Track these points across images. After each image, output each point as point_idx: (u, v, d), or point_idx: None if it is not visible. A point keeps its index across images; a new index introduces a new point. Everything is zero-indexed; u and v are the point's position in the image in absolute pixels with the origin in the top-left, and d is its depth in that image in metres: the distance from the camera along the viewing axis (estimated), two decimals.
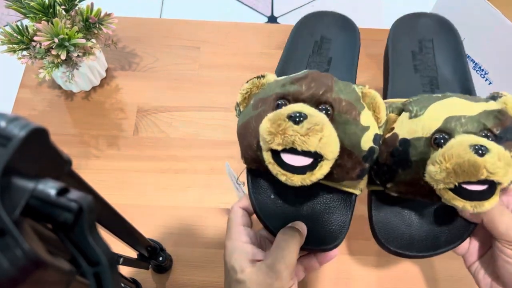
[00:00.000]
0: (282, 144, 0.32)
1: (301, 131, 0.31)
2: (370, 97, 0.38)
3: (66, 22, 0.59)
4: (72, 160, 0.25)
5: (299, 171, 0.33)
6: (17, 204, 0.18)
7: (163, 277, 0.56)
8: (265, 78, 0.40)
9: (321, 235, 0.39)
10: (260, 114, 0.36)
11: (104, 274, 0.21)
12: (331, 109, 0.36)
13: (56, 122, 0.67)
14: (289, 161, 0.33)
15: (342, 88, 0.37)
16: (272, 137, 0.32)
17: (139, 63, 0.74)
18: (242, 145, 0.39)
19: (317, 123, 0.32)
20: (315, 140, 0.32)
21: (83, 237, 0.20)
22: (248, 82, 0.41)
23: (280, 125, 0.32)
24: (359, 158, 0.36)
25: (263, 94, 0.39)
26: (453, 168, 0.31)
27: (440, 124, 0.35)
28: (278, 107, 0.36)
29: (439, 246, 0.39)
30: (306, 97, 0.36)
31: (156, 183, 0.63)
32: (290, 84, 0.37)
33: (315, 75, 0.37)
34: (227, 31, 0.78)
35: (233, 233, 0.40)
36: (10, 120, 0.19)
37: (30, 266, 0.17)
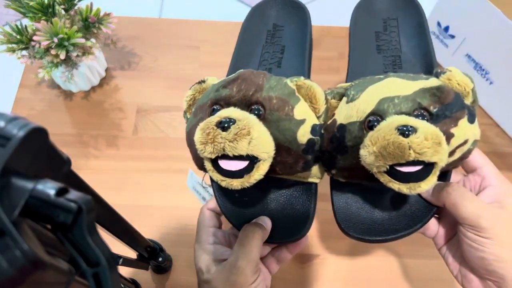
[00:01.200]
0: (213, 153, 0.32)
1: (229, 137, 0.32)
2: (305, 88, 0.37)
3: (66, 22, 0.59)
4: (71, 160, 0.25)
5: (237, 175, 0.33)
6: (16, 205, 0.18)
7: (163, 277, 0.56)
8: (205, 83, 0.40)
9: (288, 227, 0.40)
10: (199, 122, 0.35)
11: (104, 275, 0.21)
12: (262, 109, 0.36)
13: (55, 122, 0.67)
14: (226, 167, 0.33)
15: (273, 85, 0.37)
16: (203, 147, 0.33)
17: (139, 63, 0.73)
18: (191, 153, 0.40)
19: (244, 126, 0.32)
20: (244, 144, 0.32)
21: (82, 238, 0.20)
22: (191, 89, 0.41)
23: (209, 133, 0.32)
24: (298, 152, 0.36)
25: (201, 100, 0.39)
26: (379, 151, 0.31)
27: (373, 107, 0.34)
28: (213, 113, 0.36)
29: (399, 229, 0.38)
30: (237, 100, 0.36)
31: (155, 183, 0.62)
32: (223, 89, 0.37)
33: (246, 75, 0.37)
34: (227, 30, 0.78)
35: (201, 235, 0.42)
36: (9, 120, 0.19)
37: (29, 266, 0.17)
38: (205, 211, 0.44)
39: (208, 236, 0.42)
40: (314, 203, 0.41)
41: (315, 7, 1.42)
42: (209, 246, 0.41)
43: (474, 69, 0.67)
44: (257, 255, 0.38)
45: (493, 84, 0.65)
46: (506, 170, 0.64)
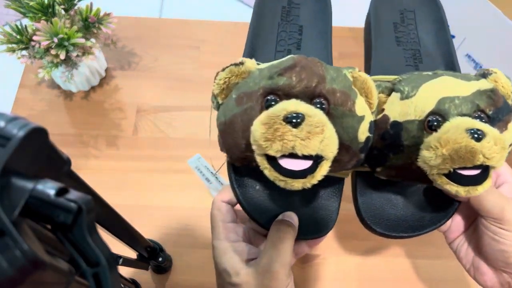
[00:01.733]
0: (281, 151, 0.30)
1: (301, 135, 0.29)
2: (361, 81, 0.35)
3: (66, 22, 0.59)
4: (71, 160, 0.25)
5: (299, 175, 0.31)
6: (16, 205, 0.18)
7: (163, 277, 0.56)
8: (244, 65, 0.36)
9: (312, 223, 0.38)
10: (247, 112, 0.33)
11: (104, 275, 0.21)
12: (326, 102, 0.33)
13: (55, 122, 0.67)
14: (288, 166, 0.30)
15: (334, 76, 0.34)
16: (269, 144, 0.30)
17: (139, 63, 0.73)
18: (226, 143, 0.36)
19: (317, 124, 0.30)
20: (316, 143, 0.30)
21: (82, 238, 0.20)
22: (225, 70, 0.36)
23: (277, 129, 0.29)
24: (356, 151, 0.34)
25: (247, 87, 0.34)
26: (450, 154, 0.30)
27: (433, 106, 0.34)
28: (267, 103, 0.33)
29: (424, 225, 0.38)
30: (298, 91, 0.33)
31: (155, 183, 0.62)
32: (279, 76, 0.33)
33: (304, 62, 0.34)
34: (227, 30, 0.78)
35: (221, 232, 0.38)
36: (9, 120, 0.19)
37: (29, 266, 0.17)
38: (221, 204, 0.40)
39: (229, 232, 0.38)
40: (340, 198, 0.39)
41: None
42: (232, 244, 0.38)
43: (474, 69, 0.67)
44: (290, 257, 0.35)
45: None
46: None
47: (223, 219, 0.39)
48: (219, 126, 0.36)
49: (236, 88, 0.35)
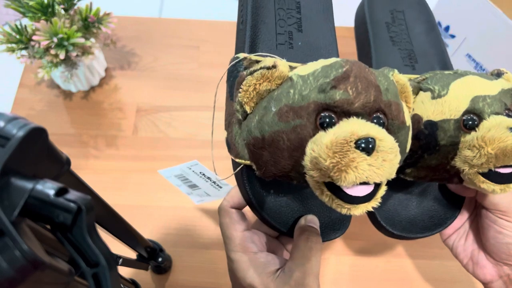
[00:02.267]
0: (355, 182, 0.27)
1: (376, 164, 0.26)
2: (401, 86, 0.33)
3: (65, 22, 0.58)
4: (71, 160, 0.25)
5: (363, 200, 0.28)
6: (15, 205, 0.18)
7: (163, 278, 0.56)
8: (277, 69, 0.31)
9: (329, 224, 0.37)
10: (297, 131, 0.29)
11: (103, 275, 0.21)
12: (384, 117, 0.30)
13: (55, 122, 0.67)
14: (353, 193, 0.28)
15: (385, 84, 0.30)
16: (342, 175, 0.26)
17: (138, 63, 0.73)
18: (263, 161, 0.32)
19: (391, 149, 0.27)
20: (389, 170, 0.27)
21: (82, 238, 0.20)
22: (254, 75, 0.31)
23: (352, 159, 0.26)
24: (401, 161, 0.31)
25: (290, 99, 0.30)
26: (496, 152, 0.31)
27: (467, 105, 0.33)
28: (322, 121, 0.29)
29: (436, 224, 0.40)
30: (358, 107, 0.29)
31: (155, 183, 0.62)
32: (333, 89, 0.29)
33: (356, 70, 0.30)
34: (227, 30, 0.78)
35: (238, 243, 0.35)
36: (9, 120, 0.19)
37: (29, 266, 0.17)
38: (231, 211, 0.37)
39: (247, 242, 0.35)
40: None
41: None
42: (255, 256, 0.35)
43: (474, 69, 0.67)
44: (319, 267, 0.33)
45: None
46: None
47: (236, 228, 0.36)
48: (253, 142, 0.32)
49: (274, 99, 0.30)
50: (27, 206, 0.19)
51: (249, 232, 0.37)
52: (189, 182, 0.51)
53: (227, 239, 0.36)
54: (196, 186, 0.52)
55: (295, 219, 0.36)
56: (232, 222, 0.36)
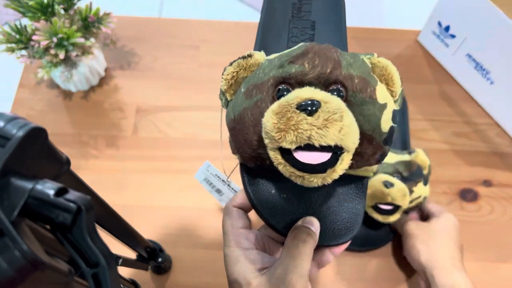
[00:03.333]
0: (295, 142, 0.27)
1: (317, 124, 0.27)
2: (381, 67, 0.33)
3: (65, 21, 0.58)
4: (70, 160, 0.24)
5: (318, 170, 0.28)
6: (15, 205, 0.18)
7: (162, 278, 0.56)
8: (252, 57, 0.34)
9: (335, 228, 0.35)
10: (258, 105, 0.31)
11: (103, 275, 0.21)
12: (343, 89, 0.31)
13: (54, 122, 0.67)
14: (304, 160, 0.28)
15: (350, 61, 0.32)
16: (282, 135, 0.27)
17: (138, 63, 0.73)
18: (237, 142, 0.33)
19: (335, 110, 0.27)
20: (334, 132, 0.27)
21: (82, 238, 0.20)
22: (232, 64, 0.34)
23: (290, 118, 0.27)
24: (379, 143, 0.32)
25: (256, 78, 0.32)
26: (371, 193, 0.53)
27: None
28: (279, 94, 0.31)
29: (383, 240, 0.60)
30: (312, 77, 0.30)
31: (155, 183, 0.62)
32: (290, 64, 0.31)
33: (317, 48, 0.31)
34: (227, 30, 0.78)
35: (232, 239, 0.36)
36: (9, 120, 0.19)
37: (28, 267, 0.17)
38: (232, 209, 0.37)
39: (240, 239, 0.36)
40: (365, 199, 0.36)
41: None
42: (244, 252, 0.35)
43: (474, 69, 0.67)
44: (308, 268, 0.32)
45: (493, 84, 0.65)
46: (506, 170, 0.64)
47: (233, 224, 0.36)
48: (229, 124, 0.34)
49: (245, 82, 0.33)
50: (27, 206, 0.18)
51: (246, 230, 0.37)
52: (215, 187, 0.54)
53: (224, 235, 0.37)
54: (221, 191, 0.53)
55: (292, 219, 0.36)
56: (230, 219, 0.37)
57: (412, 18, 0.89)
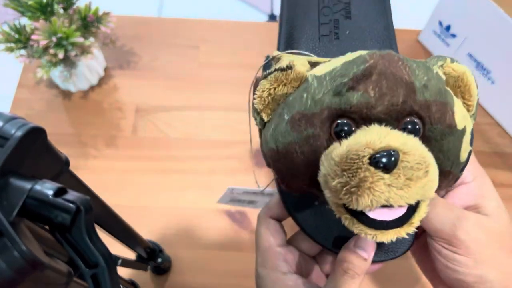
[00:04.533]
0: (370, 206, 0.22)
1: (398, 184, 0.22)
2: (455, 78, 0.26)
3: (64, 21, 0.58)
4: (69, 160, 0.24)
5: (393, 226, 0.23)
6: (14, 205, 0.18)
7: (162, 278, 0.56)
8: (293, 71, 0.27)
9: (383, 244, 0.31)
10: (310, 142, 0.25)
11: (102, 276, 0.21)
12: (419, 122, 0.25)
13: (53, 121, 0.67)
14: (377, 217, 0.23)
15: (424, 79, 0.25)
16: (353, 198, 0.22)
17: (138, 62, 0.73)
18: (282, 174, 0.28)
19: (418, 165, 0.22)
20: (418, 191, 0.22)
21: (81, 239, 0.20)
22: (268, 78, 0.27)
23: (364, 179, 0.22)
24: (457, 174, 0.27)
25: (304, 106, 0.26)
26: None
27: None
28: (339, 130, 0.25)
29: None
30: (381, 111, 0.24)
31: (155, 183, 0.62)
32: (349, 91, 0.24)
33: (381, 65, 0.24)
34: (227, 29, 0.78)
35: (269, 259, 0.32)
36: (8, 120, 0.19)
37: (27, 267, 0.17)
38: (268, 221, 0.33)
39: (279, 260, 0.31)
40: None
41: None
42: (283, 276, 0.31)
43: (475, 69, 0.67)
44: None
45: (494, 84, 0.65)
46: (507, 170, 0.64)
47: (270, 241, 0.32)
48: (270, 154, 0.28)
49: (287, 105, 0.26)
50: (25, 206, 0.18)
51: (284, 249, 0.32)
52: (245, 201, 0.49)
53: (259, 251, 0.32)
54: (254, 201, 0.49)
55: (340, 232, 0.31)
56: (267, 233, 0.32)
57: (412, 17, 0.89)
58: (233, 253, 0.57)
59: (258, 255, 0.32)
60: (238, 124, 0.67)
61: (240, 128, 0.66)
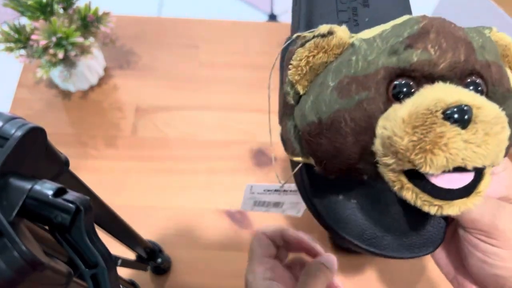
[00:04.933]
0: (446, 167, 0.20)
1: (476, 140, 0.20)
2: (503, 46, 0.25)
3: (64, 21, 0.58)
4: (69, 160, 0.24)
5: (460, 195, 0.22)
6: (14, 205, 0.18)
7: (162, 278, 0.56)
8: (335, 36, 0.25)
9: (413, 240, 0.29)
10: (362, 106, 0.23)
11: (102, 276, 0.21)
12: (482, 82, 0.23)
13: (53, 121, 0.67)
14: (444, 185, 0.21)
15: (480, 41, 0.24)
16: (427, 158, 0.20)
17: (138, 62, 0.73)
18: (322, 152, 0.25)
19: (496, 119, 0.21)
20: (494, 148, 0.21)
21: (81, 239, 0.20)
22: (306, 46, 0.25)
23: (440, 134, 0.20)
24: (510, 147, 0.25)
25: (353, 68, 0.24)
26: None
27: None
28: (397, 91, 0.23)
29: None
30: (445, 68, 0.22)
31: (154, 183, 0.62)
32: (407, 49, 0.22)
33: (437, 24, 0.23)
34: (227, 29, 0.78)
35: (256, 266, 0.37)
36: (8, 120, 0.19)
37: (27, 267, 0.17)
38: (261, 236, 0.38)
39: (266, 269, 0.37)
40: None
41: None
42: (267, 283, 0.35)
43: None
44: None
45: None
46: None
47: (261, 252, 0.38)
48: (308, 128, 0.26)
49: (332, 71, 0.25)
50: (25, 206, 0.18)
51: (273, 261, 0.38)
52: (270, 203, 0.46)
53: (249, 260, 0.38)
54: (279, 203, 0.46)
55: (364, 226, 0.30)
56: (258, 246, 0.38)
57: None
58: (233, 253, 0.57)
59: (248, 263, 0.37)
60: (238, 124, 0.67)
61: (240, 128, 0.66)
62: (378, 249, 0.29)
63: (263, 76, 0.76)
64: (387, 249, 0.29)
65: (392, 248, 0.29)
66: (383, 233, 0.29)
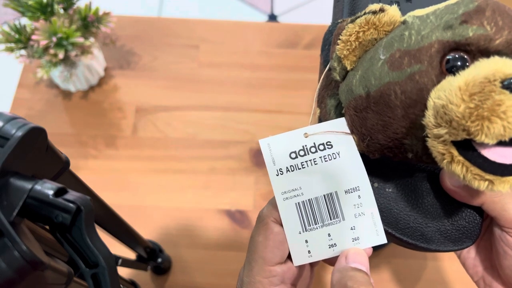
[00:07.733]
0: (503, 136, 0.20)
1: None
2: None
3: (64, 21, 0.58)
4: (70, 160, 0.24)
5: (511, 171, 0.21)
6: (14, 205, 0.18)
7: (162, 278, 0.56)
8: (386, 13, 0.25)
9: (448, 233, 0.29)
10: (415, 79, 0.23)
11: (102, 276, 0.21)
12: None
13: (54, 122, 0.67)
14: (498, 159, 0.21)
15: None
16: (484, 125, 0.20)
17: (138, 62, 0.73)
18: (368, 127, 0.25)
19: None
20: None
21: (81, 239, 0.20)
22: (357, 22, 0.26)
23: (498, 102, 0.19)
24: None
25: (406, 42, 0.24)
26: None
27: None
28: (451, 65, 0.23)
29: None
30: (501, 44, 0.22)
31: (155, 183, 0.62)
32: (463, 25, 0.23)
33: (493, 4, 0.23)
34: (227, 29, 0.78)
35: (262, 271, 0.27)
36: (8, 120, 0.19)
37: (27, 267, 0.17)
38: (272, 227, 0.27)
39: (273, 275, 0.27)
40: None
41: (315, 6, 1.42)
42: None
43: None
44: None
45: None
46: None
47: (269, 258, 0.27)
48: (353, 102, 0.26)
49: (383, 46, 0.25)
50: (26, 206, 0.18)
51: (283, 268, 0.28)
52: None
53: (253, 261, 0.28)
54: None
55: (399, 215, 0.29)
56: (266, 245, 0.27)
57: None
58: (233, 253, 0.57)
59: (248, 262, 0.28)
60: (238, 124, 0.67)
61: (240, 128, 0.66)
62: (413, 239, 0.28)
63: (263, 76, 0.77)
64: (422, 240, 0.28)
65: (427, 240, 0.28)
66: (418, 224, 0.29)
